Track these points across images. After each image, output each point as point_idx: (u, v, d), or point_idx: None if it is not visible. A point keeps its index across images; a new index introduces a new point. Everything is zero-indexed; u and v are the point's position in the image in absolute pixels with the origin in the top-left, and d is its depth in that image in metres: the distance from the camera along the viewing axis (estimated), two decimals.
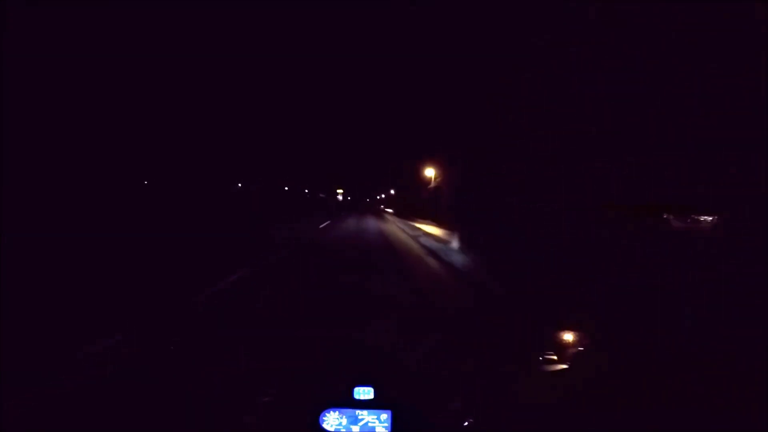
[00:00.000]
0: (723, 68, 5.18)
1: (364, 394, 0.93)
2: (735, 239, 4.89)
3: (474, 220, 12.65)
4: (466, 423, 0.92)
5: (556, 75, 9.23)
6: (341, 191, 72.32)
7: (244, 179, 41.92)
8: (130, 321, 3.03)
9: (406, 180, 30.50)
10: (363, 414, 0.92)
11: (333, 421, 0.91)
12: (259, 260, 6.31)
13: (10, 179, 9.78)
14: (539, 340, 1.00)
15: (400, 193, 43.33)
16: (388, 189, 57.38)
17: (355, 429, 0.91)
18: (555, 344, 0.97)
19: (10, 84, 10.54)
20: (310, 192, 65.95)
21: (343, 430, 0.90)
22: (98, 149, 18.17)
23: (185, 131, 26.68)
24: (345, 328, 1.96)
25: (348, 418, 0.91)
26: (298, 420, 0.91)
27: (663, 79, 6.16)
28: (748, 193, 4.87)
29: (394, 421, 0.91)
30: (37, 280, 4.22)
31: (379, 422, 0.91)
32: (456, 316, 3.20)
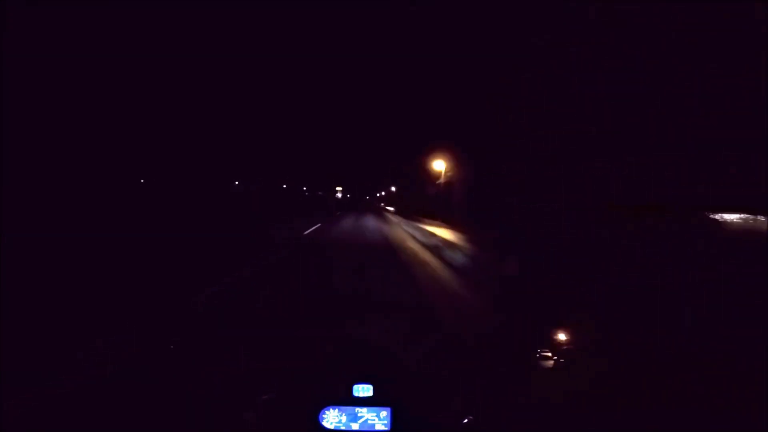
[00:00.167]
0: (723, 68, 5.18)
1: (363, 391, 0.93)
2: (735, 239, 4.88)
3: (497, 223, 11.54)
4: (466, 420, 0.92)
5: (556, 75, 9.23)
6: (340, 189, 72.40)
7: (243, 178, 41.95)
8: (130, 321, 3.04)
9: (411, 174, 28.56)
10: (362, 411, 0.92)
11: (333, 418, 0.91)
12: (258, 260, 6.31)
13: (10, 179, 9.78)
14: (539, 339, 1.00)
15: (402, 190, 41.63)
16: (387, 186, 57.15)
17: (355, 426, 0.91)
18: (555, 344, 0.97)
19: (10, 84, 10.55)
20: (310, 191, 66.01)
21: (343, 428, 0.91)
22: (98, 149, 18.18)
23: (185, 131, 26.71)
24: (345, 328, 1.96)
25: (348, 415, 0.92)
26: (298, 418, 0.91)
27: (663, 79, 6.16)
28: (748, 193, 4.87)
29: (394, 419, 0.91)
30: (37, 280, 4.22)
31: (378, 419, 0.91)
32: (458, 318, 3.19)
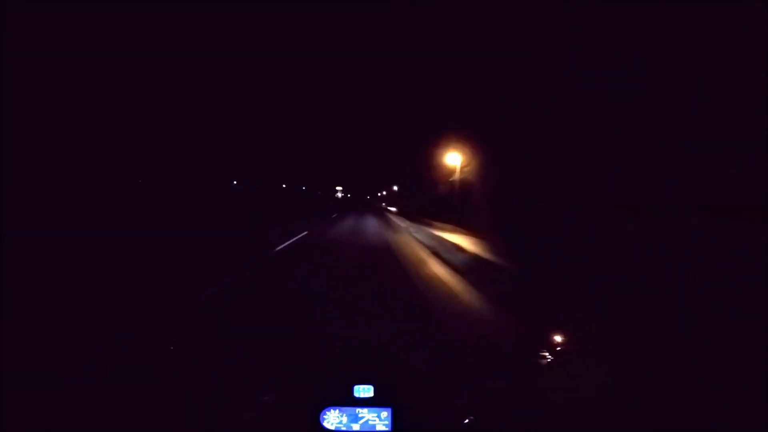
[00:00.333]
0: (723, 68, 5.18)
1: (364, 392, 0.93)
2: (735, 239, 4.88)
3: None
4: (466, 420, 0.92)
5: (556, 75, 9.23)
6: (340, 188, 72.52)
7: (243, 178, 41.87)
8: (129, 321, 3.04)
9: (412, 173, 26.09)
10: (363, 412, 0.92)
11: (333, 419, 0.91)
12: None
13: (10, 179, 9.79)
14: (539, 340, 1.00)
15: (404, 190, 39.40)
16: (388, 186, 56.54)
17: (356, 427, 0.91)
18: (555, 344, 0.97)
19: (10, 84, 10.55)
20: (310, 190, 65.99)
21: (344, 428, 0.91)
22: (97, 149, 18.18)
23: (184, 131, 26.70)
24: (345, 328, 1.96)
25: (348, 416, 0.92)
26: (299, 418, 0.91)
27: (663, 79, 6.15)
28: (748, 193, 4.87)
29: (395, 419, 0.91)
30: (36, 280, 4.22)
31: (379, 420, 0.91)
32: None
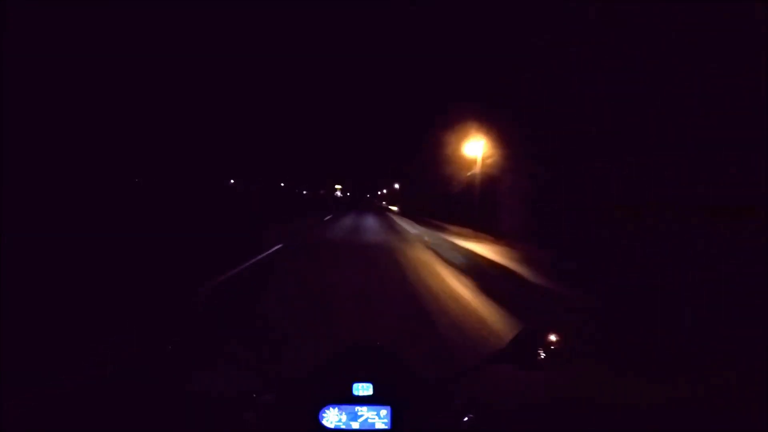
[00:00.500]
0: (723, 68, 5.18)
1: (363, 390, 0.93)
2: (735, 239, 4.89)
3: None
4: (466, 419, 0.92)
5: (556, 75, 9.23)
6: (339, 187, 72.66)
7: (241, 178, 41.88)
8: (129, 321, 3.04)
9: (424, 163, 21.98)
10: (362, 410, 0.92)
11: (333, 417, 0.91)
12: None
13: (10, 179, 9.79)
14: (539, 340, 1.00)
15: (409, 187, 35.75)
16: (389, 183, 55.88)
17: (355, 425, 0.91)
18: (555, 344, 0.97)
19: (10, 84, 10.55)
20: (309, 190, 66.04)
21: (344, 427, 0.91)
22: (96, 148, 18.18)
23: (183, 130, 26.70)
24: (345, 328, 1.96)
25: (348, 414, 0.92)
26: (298, 417, 0.91)
27: (663, 79, 6.16)
28: (748, 193, 4.88)
29: (394, 417, 0.91)
30: (36, 280, 4.22)
31: (378, 418, 0.91)
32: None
